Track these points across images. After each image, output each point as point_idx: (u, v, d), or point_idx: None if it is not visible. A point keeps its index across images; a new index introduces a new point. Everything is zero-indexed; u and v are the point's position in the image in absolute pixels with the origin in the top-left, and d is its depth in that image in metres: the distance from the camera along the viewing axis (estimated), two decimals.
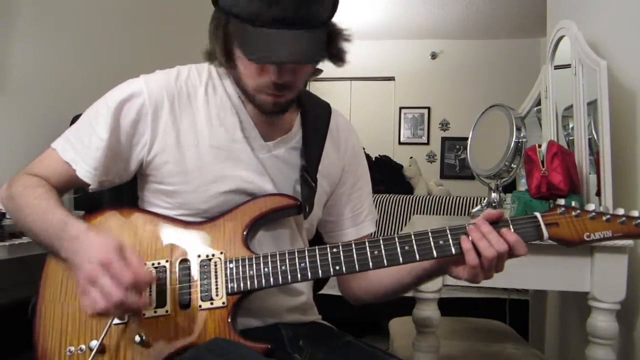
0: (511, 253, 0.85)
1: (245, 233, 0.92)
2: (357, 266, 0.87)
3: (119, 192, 1.07)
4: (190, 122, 0.96)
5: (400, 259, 0.87)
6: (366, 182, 1.15)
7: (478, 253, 0.84)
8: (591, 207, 0.86)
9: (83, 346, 0.88)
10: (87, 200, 0.97)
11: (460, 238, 0.86)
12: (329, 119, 1.08)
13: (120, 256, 0.80)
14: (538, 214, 0.87)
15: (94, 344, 0.87)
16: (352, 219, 1.11)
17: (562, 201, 0.89)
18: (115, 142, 0.94)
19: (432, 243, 0.87)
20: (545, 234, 0.86)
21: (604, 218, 0.86)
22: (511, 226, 0.86)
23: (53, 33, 1.91)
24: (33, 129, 1.67)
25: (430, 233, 0.87)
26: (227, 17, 0.86)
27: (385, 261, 0.87)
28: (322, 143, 1.05)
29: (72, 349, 0.88)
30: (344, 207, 1.10)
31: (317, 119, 1.05)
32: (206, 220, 0.95)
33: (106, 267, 0.78)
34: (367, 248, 0.87)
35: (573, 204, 0.88)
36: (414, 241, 0.87)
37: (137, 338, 0.86)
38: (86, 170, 0.94)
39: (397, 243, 0.87)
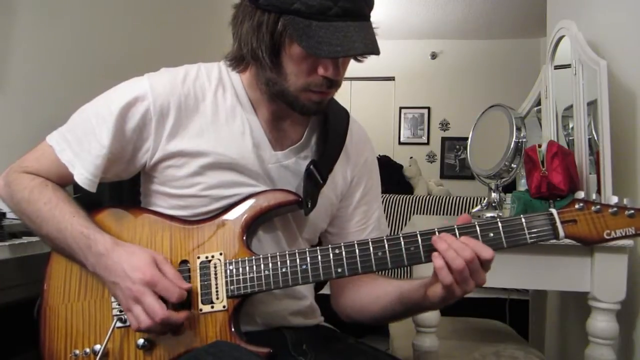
0: (482, 260, 0.79)
1: (244, 232, 0.91)
2: (359, 268, 0.85)
3: (119, 189, 1.07)
4: (196, 127, 0.93)
5: (405, 260, 0.84)
6: (375, 197, 1.10)
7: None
8: (614, 200, 0.79)
9: (87, 349, 0.89)
10: (87, 198, 0.95)
11: (432, 255, 0.81)
12: (347, 127, 1.04)
13: (160, 271, 0.84)
14: (554, 211, 0.82)
15: (98, 347, 0.87)
16: (354, 233, 1.06)
17: (581, 194, 0.82)
18: (117, 147, 0.92)
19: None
20: (562, 232, 0.81)
21: (626, 213, 0.78)
22: (524, 222, 0.81)
23: (53, 32, 1.91)
24: (33, 129, 1.67)
25: (437, 232, 0.84)
26: (277, 15, 0.82)
27: (389, 263, 0.84)
28: (339, 151, 1.01)
29: (77, 352, 0.89)
30: (348, 221, 1.07)
31: (335, 125, 1.01)
32: (205, 219, 0.94)
33: (151, 285, 0.82)
34: (371, 249, 0.85)
35: (594, 197, 0.81)
36: (419, 241, 0.84)
37: (140, 342, 0.87)
38: (85, 177, 0.92)
39: (402, 243, 0.84)
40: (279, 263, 0.87)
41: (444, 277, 0.80)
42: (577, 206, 0.81)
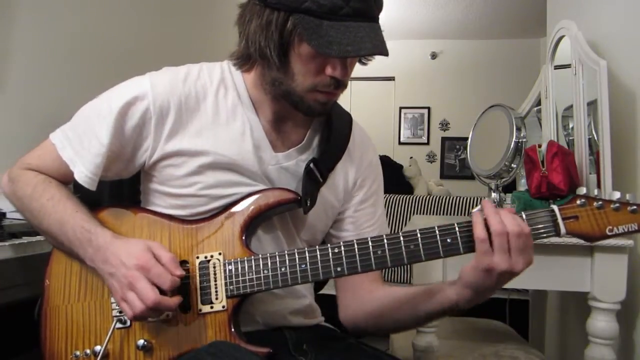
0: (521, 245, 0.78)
1: (244, 232, 0.91)
2: (359, 267, 0.85)
3: (119, 188, 1.07)
4: (196, 126, 0.92)
5: (405, 259, 0.84)
6: (380, 199, 1.09)
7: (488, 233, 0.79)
8: (616, 195, 0.79)
9: (88, 350, 0.89)
10: (87, 197, 0.96)
11: (472, 213, 0.80)
12: (350, 129, 1.03)
13: (155, 257, 0.84)
14: (556, 207, 0.81)
15: (98, 348, 0.87)
16: (360, 235, 1.04)
17: (583, 190, 0.81)
18: (117, 146, 0.92)
19: (439, 241, 0.83)
20: (563, 229, 0.80)
21: (629, 209, 0.77)
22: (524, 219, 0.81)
23: (53, 32, 1.91)
24: (33, 129, 1.67)
25: (437, 230, 0.83)
26: (287, 13, 0.82)
27: (389, 261, 0.84)
28: (341, 151, 1.00)
29: (78, 353, 0.89)
30: (353, 224, 1.05)
31: (337, 127, 1.01)
32: (204, 218, 0.93)
33: (144, 271, 0.82)
34: (370, 248, 0.84)
35: (596, 192, 0.80)
36: (419, 239, 0.83)
37: (140, 343, 0.87)
38: (85, 175, 0.92)
39: (402, 242, 0.84)
40: (278, 263, 0.87)
41: (479, 231, 0.79)
42: (578, 202, 0.80)
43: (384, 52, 0.82)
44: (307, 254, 0.87)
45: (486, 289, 0.83)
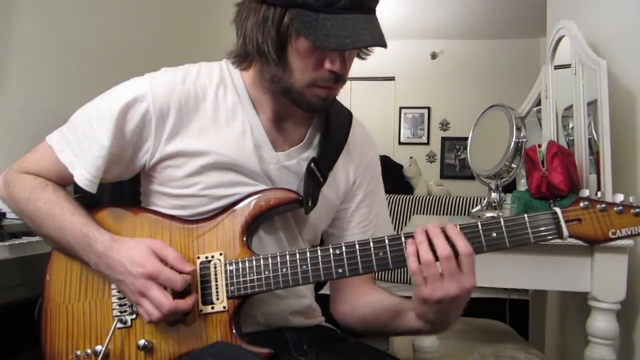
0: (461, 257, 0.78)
1: (245, 232, 0.91)
2: (360, 268, 0.85)
3: (120, 189, 1.06)
4: (196, 127, 0.92)
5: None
6: (378, 199, 1.09)
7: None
8: (619, 198, 0.78)
9: (89, 350, 0.89)
10: (87, 197, 0.96)
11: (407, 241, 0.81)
12: (349, 128, 1.03)
13: (161, 259, 0.84)
14: (558, 210, 0.80)
15: (99, 348, 0.87)
16: (355, 235, 1.04)
17: (586, 192, 0.80)
18: (117, 148, 0.92)
19: None
20: (566, 232, 0.79)
21: (632, 212, 0.77)
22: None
23: (53, 32, 1.91)
24: (33, 129, 1.67)
25: None
26: (284, 9, 0.82)
27: (390, 263, 0.84)
28: (339, 151, 1.00)
29: (79, 352, 0.89)
30: (348, 223, 1.05)
31: (336, 124, 1.01)
32: (205, 218, 0.93)
33: (153, 278, 0.82)
34: (372, 249, 0.84)
35: (599, 195, 0.79)
36: None
37: (141, 343, 0.87)
38: (85, 178, 0.91)
39: (404, 243, 0.83)
40: (279, 263, 0.87)
41: (411, 264, 0.80)
42: (581, 205, 0.79)
43: (383, 44, 0.82)
44: (308, 255, 0.86)
45: (434, 320, 0.84)
